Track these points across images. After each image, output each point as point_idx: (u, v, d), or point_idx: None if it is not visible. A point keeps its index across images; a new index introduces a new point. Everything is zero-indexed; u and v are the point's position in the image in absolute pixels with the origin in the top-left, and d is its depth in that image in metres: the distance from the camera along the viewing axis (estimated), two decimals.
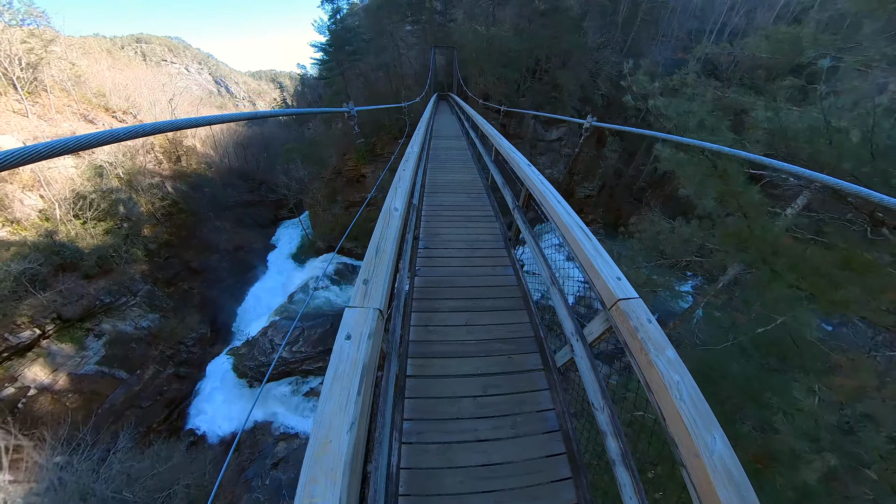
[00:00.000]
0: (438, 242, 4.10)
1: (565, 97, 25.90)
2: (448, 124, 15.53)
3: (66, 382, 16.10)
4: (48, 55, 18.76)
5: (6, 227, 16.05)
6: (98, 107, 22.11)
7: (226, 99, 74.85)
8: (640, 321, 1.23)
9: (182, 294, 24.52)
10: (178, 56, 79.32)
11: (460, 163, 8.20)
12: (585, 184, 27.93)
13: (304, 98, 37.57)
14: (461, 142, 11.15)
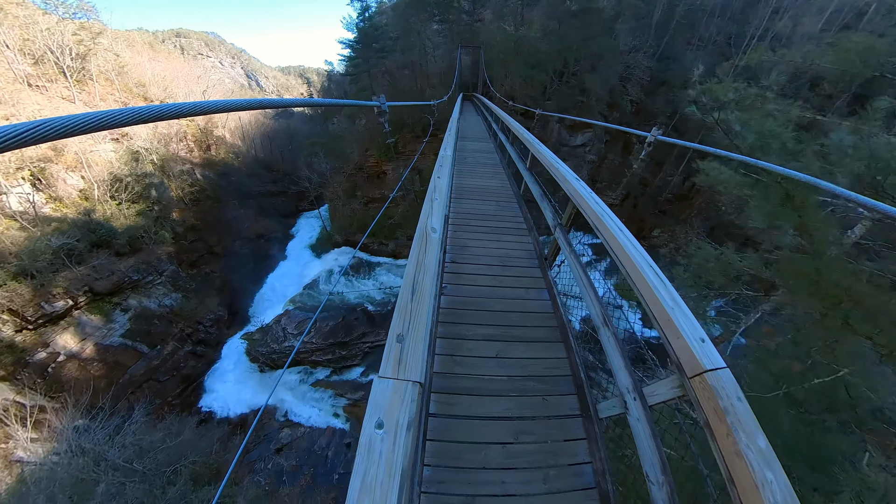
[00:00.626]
0: (467, 256, 3.78)
1: (592, 102, 25.24)
2: (474, 125, 15.27)
3: (93, 352, 17.16)
4: (95, 47, 20.23)
5: (49, 203, 17.35)
6: (138, 96, 23.65)
7: (255, 92, 78.12)
8: (729, 400, 1.02)
9: (204, 276, 25.70)
10: (214, 50, 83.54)
11: (488, 167, 7.76)
12: (609, 192, 27.10)
13: (330, 94, 38.57)
14: (488, 144, 10.76)
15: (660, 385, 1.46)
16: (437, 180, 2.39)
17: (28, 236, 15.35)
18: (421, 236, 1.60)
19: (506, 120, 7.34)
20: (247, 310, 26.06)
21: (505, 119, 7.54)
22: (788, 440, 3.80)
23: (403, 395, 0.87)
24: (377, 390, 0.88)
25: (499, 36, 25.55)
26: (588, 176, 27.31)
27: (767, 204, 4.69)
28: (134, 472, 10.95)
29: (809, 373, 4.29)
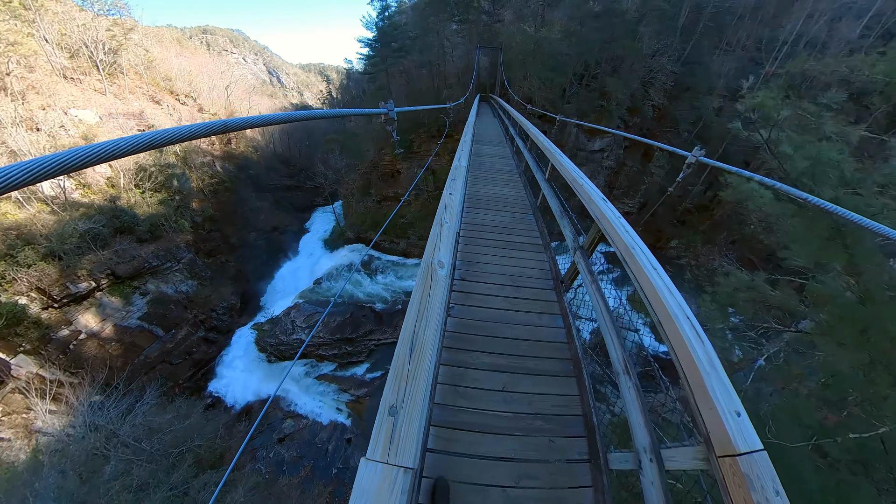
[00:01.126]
0: (477, 273, 3.57)
1: (613, 106, 24.66)
2: (490, 128, 14.85)
3: (112, 332, 17.92)
4: (127, 42, 21.25)
5: (79, 189, 18.26)
6: (164, 89, 24.65)
7: (276, 88, 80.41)
8: (764, 493, 0.88)
9: (219, 265, 26.51)
10: (238, 47, 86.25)
11: (504, 174, 7.42)
12: (626, 200, 26.42)
13: (349, 92, 39.22)
14: (504, 149, 10.33)
15: (682, 452, 1.32)
16: (448, 197, 2.19)
17: (57, 220, 16.20)
18: (426, 271, 1.40)
19: (524, 125, 6.88)
20: (259, 299, 26.75)
21: (523, 124, 7.06)
22: (815, 496, 3.45)
23: (393, 484, 0.76)
24: (364, 475, 0.78)
25: (518, 37, 25.16)
26: (605, 182, 26.71)
27: (812, 237, 4.19)
28: (142, 451, 11.39)
29: (845, 426, 3.86)
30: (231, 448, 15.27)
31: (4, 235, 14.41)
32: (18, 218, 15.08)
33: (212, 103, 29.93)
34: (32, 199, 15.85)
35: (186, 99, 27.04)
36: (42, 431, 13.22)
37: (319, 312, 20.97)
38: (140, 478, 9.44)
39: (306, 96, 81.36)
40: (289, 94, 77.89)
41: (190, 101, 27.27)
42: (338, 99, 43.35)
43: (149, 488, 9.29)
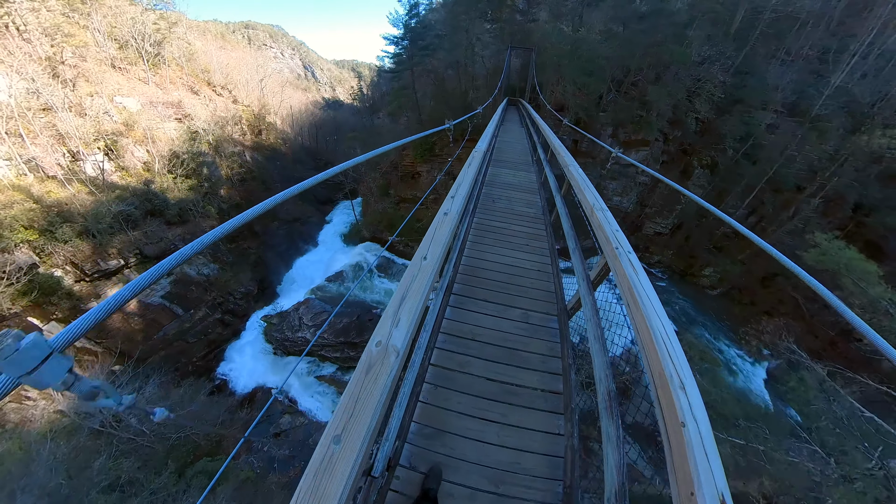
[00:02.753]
0: None
1: (653, 117, 22.88)
2: (514, 141, 12.55)
3: (136, 307, 19.00)
4: (171, 35, 22.53)
5: (117, 172, 19.49)
6: (202, 81, 25.96)
7: (310, 83, 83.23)
8: None
9: (241, 252, 27.57)
10: (277, 42, 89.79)
11: (525, 222, 5.31)
12: (658, 219, 24.51)
13: (379, 89, 39.68)
14: (529, 175, 8.04)
15: None
16: (422, 264, 1.60)
17: (94, 200, 17.33)
18: (366, 361, 1.09)
19: (555, 144, 5.20)
20: (275, 287, 27.55)
21: (553, 142, 5.40)
22: None
23: None
24: None
25: (554, 36, 23.67)
26: (637, 199, 24.95)
27: None
28: (142, 433, 11.87)
29: None
30: (229, 435, 15.70)
31: (47, 212, 15.55)
32: (60, 196, 16.25)
33: (246, 95, 31.24)
34: (74, 180, 17.05)
35: (222, 90, 28.39)
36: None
37: (327, 311, 21.15)
38: (129, 472, 9.70)
39: (338, 91, 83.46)
40: (322, 89, 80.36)
41: (225, 93, 28.60)
42: (368, 95, 44.04)
43: (136, 484, 9.55)
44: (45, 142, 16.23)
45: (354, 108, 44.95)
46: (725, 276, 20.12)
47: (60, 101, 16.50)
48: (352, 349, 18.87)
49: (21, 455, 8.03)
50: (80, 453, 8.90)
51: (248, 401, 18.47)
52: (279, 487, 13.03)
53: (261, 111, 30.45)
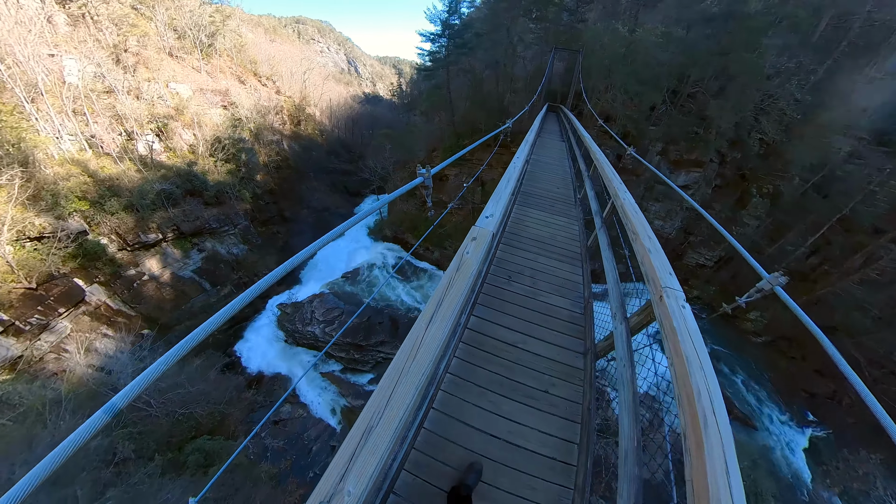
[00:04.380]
0: None
1: (711, 135, 20.45)
2: (553, 162, 9.95)
3: (169, 278, 20.37)
4: (224, 27, 23.91)
5: (165, 152, 21.01)
6: (249, 71, 27.37)
7: (352, 77, 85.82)
8: None
9: (270, 235, 28.89)
10: (324, 37, 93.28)
11: (554, 284, 4.08)
12: (703, 249, 22.11)
13: (417, 86, 39.78)
14: (570, 222, 5.85)
15: None
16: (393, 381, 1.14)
17: (141, 178, 18.76)
18: None
19: (609, 181, 3.86)
20: (298, 272, 28.45)
21: (606, 171, 4.12)
22: None
23: None
24: None
25: (607, 37, 21.64)
26: (681, 225, 22.62)
27: None
28: (149, 405, 12.60)
29: None
30: (232, 414, 16.32)
31: (99, 185, 17.04)
32: (112, 172, 17.74)
33: (289, 86, 32.55)
34: (126, 158, 18.56)
35: (267, 81, 29.79)
36: (98, 351, 15.52)
37: (339, 308, 21.37)
38: (124, 452, 10.20)
39: (378, 87, 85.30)
40: (363, 84, 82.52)
41: (269, 83, 29.98)
42: (406, 92, 44.38)
43: (129, 463, 10.05)
44: (105, 121, 17.82)
45: (392, 104, 45.48)
46: (774, 323, 17.58)
47: (121, 85, 18.04)
48: (357, 351, 18.84)
49: (24, 431, 8.69)
50: None
51: (255, 382, 19.21)
52: (268, 477, 13.24)
53: (301, 102, 31.63)
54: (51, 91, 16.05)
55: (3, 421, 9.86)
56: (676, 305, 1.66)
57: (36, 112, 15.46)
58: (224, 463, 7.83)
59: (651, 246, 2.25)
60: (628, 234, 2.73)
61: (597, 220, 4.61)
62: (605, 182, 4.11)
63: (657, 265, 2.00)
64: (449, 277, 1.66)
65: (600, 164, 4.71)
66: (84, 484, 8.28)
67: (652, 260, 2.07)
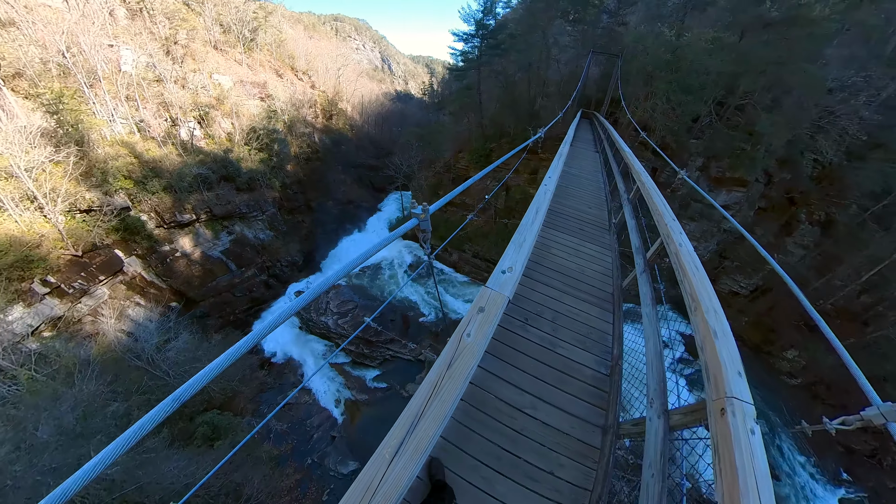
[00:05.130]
0: None
1: (759, 153, 18.67)
2: (585, 175, 8.66)
3: (199, 257, 21.60)
4: (266, 23, 25.02)
5: (205, 139, 22.32)
6: (287, 65, 28.49)
7: (385, 75, 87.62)
8: None
9: (295, 224, 29.98)
10: (360, 34, 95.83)
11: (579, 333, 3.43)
12: (738, 276, 20.17)
13: (448, 86, 39.80)
14: (603, 253, 4.99)
15: None
16: None
17: (181, 162, 20.04)
18: None
19: (660, 215, 3.27)
20: (319, 262, 29.45)
21: (659, 213, 3.33)
22: None
23: None
24: None
25: (651, 41, 20.37)
26: (717, 247, 20.74)
27: None
28: (166, 375, 13.42)
29: None
30: (242, 392, 17.07)
31: (143, 166, 18.37)
32: (156, 155, 19.08)
33: (323, 82, 33.59)
34: (169, 142, 19.89)
35: (303, 75, 30.91)
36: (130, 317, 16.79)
37: (353, 302, 21.73)
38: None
39: (410, 85, 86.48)
40: (395, 82, 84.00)
41: (305, 78, 31.09)
42: (437, 92, 44.54)
43: None
44: (153, 107, 19.21)
45: (423, 102, 45.85)
46: (812, 364, 15.77)
47: (170, 75, 19.39)
48: (366, 346, 19.04)
49: (53, 389, 9.45)
50: (100, 398, 10.22)
51: (268, 363, 20.02)
52: (269, 458, 13.68)
53: (334, 97, 32.57)
54: (108, 78, 17.52)
55: (39, 375, 10.85)
56: (743, 428, 1.23)
57: (94, 97, 16.93)
58: (228, 440, 8.11)
59: (717, 326, 1.69)
60: (684, 297, 2.12)
61: (638, 260, 3.66)
62: (654, 216, 3.40)
63: (724, 358, 1.50)
64: (434, 381, 1.24)
65: (648, 191, 3.87)
66: (98, 446, 8.86)
67: (717, 348, 1.55)
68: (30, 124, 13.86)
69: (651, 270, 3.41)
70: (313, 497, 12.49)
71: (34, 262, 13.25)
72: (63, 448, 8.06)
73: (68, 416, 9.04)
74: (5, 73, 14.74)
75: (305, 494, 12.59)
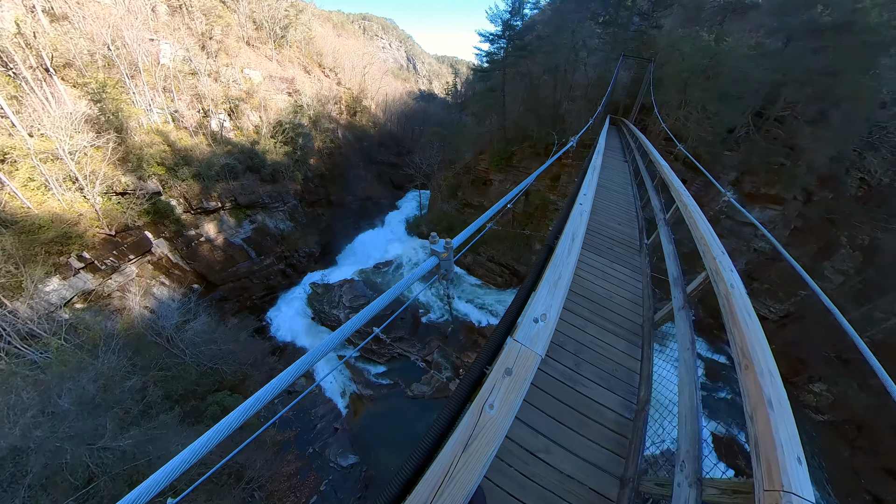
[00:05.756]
0: None
1: (799, 169, 17.47)
2: (614, 187, 8.02)
3: (222, 242, 22.47)
4: (296, 21, 25.72)
5: (233, 130, 23.21)
6: (315, 62, 29.19)
7: (410, 74, 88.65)
8: None
9: (314, 216, 30.73)
10: (387, 34, 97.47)
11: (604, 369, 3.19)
12: (768, 300, 18.89)
13: (472, 87, 39.67)
14: (631, 253, 4.92)
15: None
16: None
17: (210, 151, 20.92)
18: None
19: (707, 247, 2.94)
20: (335, 255, 30.08)
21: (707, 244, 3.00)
22: None
23: None
24: None
25: (687, 45, 19.35)
26: (746, 267, 19.40)
27: None
28: (183, 353, 14.02)
29: None
30: (252, 376, 17.59)
31: (175, 154, 19.31)
32: (187, 144, 20.01)
33: (349, 79, 34.22)
34: (200, 133, 20.81)
35: (329, 72, 31.60)
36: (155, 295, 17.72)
37: (366, 297, 21.97)
38: (152, 396, 11.42)
39: (434, 85, 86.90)
40: (420, 81, 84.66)
41: (332, 75, 31.79)
42: (461, 92, 44.45)
43: (155, 406, 11.27)
44: (187, 99, 20.18)
45: (446, 102, 45.94)
46: (842, 401, 14.47)
47: (204, 68, 20.30)
48: (375, 342, 19.20)
49: (79, 358, 10.03)
50: (120, 371, 10.78)
51: (279, 350, 20.59)
52: (272, 443, 14.05)
53: (359, 94, 33.13)
54: (147, 70, 18.56)
55: (67, 345, 11.58)
56: None
57: (134, 87, 17.97)
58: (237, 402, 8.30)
59: (773, 393, 1.44)
60: (732, 349, 1.87)
61: (676, 294, 3.16)
62: (699, 245, 3.00)
63: (780, 438, 1.27)
64: (446, 465, 1.05)
65: (691, 216, 3.36)
66: (115, 418, 9.35)
67: (772, 423, 1.31)
68: (75, 111, 14.86)
69: (690, 306, 2.95)
70: (311, 486, 12.71)
71: (72, 238, 14.18)
72: (82, 417, 8.55)
73: (90, 386, 9.56)
74: (56, 63, 15.88)
75: (304, 482, 12.83)
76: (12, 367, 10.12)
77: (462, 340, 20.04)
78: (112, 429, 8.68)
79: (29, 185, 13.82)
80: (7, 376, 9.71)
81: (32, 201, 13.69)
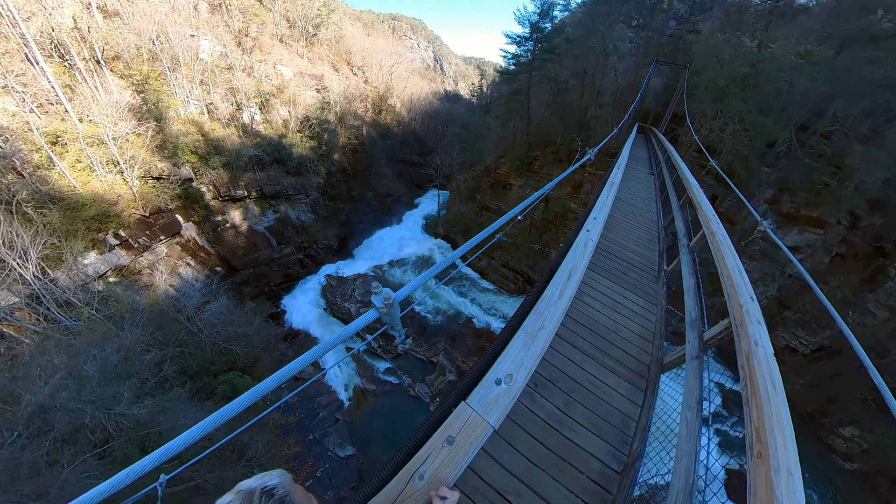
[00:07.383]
0: None
1: (846, 191, 16.19)
2: (637, 203, 7.40)
3: (246, 229, 23.48)
4: (328, 20, 26.49)
5: (263, 123, 24.25)
6: (343, 60, 29.97)
7: (437, 74, 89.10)
8: None
9: (335, 210, 31.53)
10: (416, 34, 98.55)
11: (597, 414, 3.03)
12: (799, 331, 17.39)
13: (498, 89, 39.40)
14: (648, 280, 4.59)
15: None
16: None
17: (240, 143, 21.95)
18: None
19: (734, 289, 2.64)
20: (352, 248, 30.72)
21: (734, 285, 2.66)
22: None
23: None
24: None
25: (727, 51, 17.98)
26: (778, 294, 17.98)
27: None
28: (200, 331, 14.75)
29: None
30: (263, 359, 18.23)
31: (207, 144, 20.40)
32: (220, 134, 21.09)
33: (376, 77, 34.87)
34: (231, 125, 21.89)
35: (357, 70, 32.37)
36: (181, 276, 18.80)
37: None
38: (167, 371, 12.10)
39: (460, 86, 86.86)
40: (446, 81, 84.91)
41: (359, 73, 32.54)
42: (486, 94, 44.28)
43: (169, 380, 11.95)
44: (222, 92, 21.28)
45: (470, 104, 45.93)
46: (877, 451, 13.06)
47: (239, 64, 21.35)
48: (382, 338, 19.43)
49: (106, 329, 10.78)
50: (141, 344, 11.50)
51: (291, 336, 21.26)
52: (275, 425, 14.53)
53: (385, 93, 33.71)
54: (187, 64, 19.76)
55: (98, 315, 12.50)
56: None
57: (174, 80, 19.17)
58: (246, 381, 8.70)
59: (788, 499, 1.20)
60: (745, 425, 1.57)
61: (691, 337, 2.89)
62: (724, 283, 2.68)
63: None
64: None
65: (719, 248, 2.99)
66: (133, 388, 9.97)
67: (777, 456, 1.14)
68: (120, 100, 16.03)
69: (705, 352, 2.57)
70: (308, 471, 13.04)
71: (111, 217, 15.30)
72: (102, 384, 9.21)
73: (113, 356, 10.26)
74: (107, 55, 17.21)
75: (301, 466, 13.19)
76: (48, 331, 11.06)
77: (469, 344, 19.93)
78: (129, 397, 9.28)
79: (76, 166, 15.05)
80: (43, 339, 10.62)
81: (78, 181, 14.89)
